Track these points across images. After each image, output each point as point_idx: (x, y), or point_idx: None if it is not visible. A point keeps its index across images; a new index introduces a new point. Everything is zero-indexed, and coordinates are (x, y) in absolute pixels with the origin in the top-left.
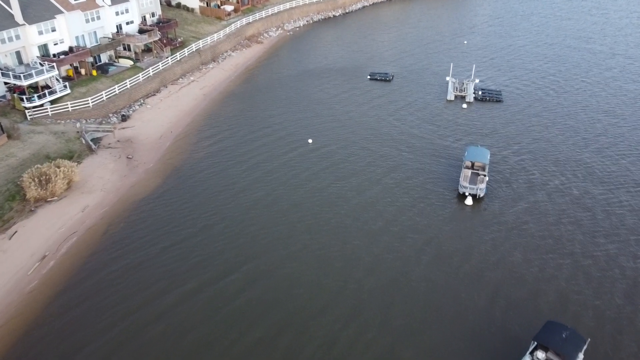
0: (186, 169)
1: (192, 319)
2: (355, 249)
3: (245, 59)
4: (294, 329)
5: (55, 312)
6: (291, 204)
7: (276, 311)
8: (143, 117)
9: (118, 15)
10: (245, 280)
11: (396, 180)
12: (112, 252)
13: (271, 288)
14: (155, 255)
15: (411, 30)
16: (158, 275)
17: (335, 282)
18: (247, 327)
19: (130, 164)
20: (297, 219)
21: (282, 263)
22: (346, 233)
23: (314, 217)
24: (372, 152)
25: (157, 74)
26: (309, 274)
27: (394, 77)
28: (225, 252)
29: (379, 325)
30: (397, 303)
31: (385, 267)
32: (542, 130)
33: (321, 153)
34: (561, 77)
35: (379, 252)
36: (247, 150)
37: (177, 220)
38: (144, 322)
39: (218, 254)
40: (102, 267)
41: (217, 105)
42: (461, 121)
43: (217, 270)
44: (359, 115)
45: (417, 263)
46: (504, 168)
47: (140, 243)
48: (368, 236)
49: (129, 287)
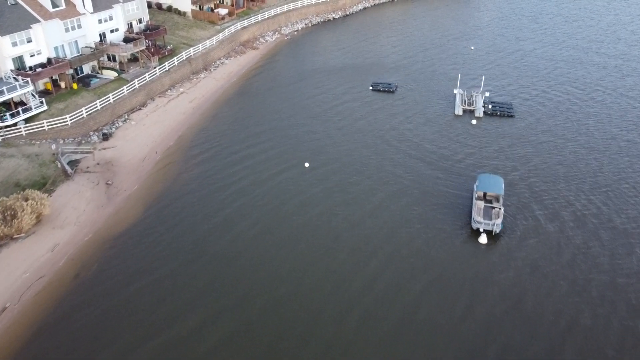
0: (169, 195)
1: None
2: (350, 293)
3: (239, 67)
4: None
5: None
6: (280, 238)
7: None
8: (126, 135)
9: (101, 23)
10: (220, 338)
11: (398, 210)
12: (81, 298)
13: (252, 344)
14: (126, 299)
15: (414, 33)
16: (126, 326)
17: (326, 334)
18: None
19: (109, 192)
20: (287, 255)
21: (265, 313)
22: (340, 273)
23: (305, 253)
24: (372, 176)
25: (144, 85)
26: (298, 326)
27: (397, 87)
28: (203, 296)
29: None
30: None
31: (383, 315)
32: (554, 150)
33: (316, 176)
34: (573, 85)
35: (375, 299)
36: (235, 172)
37: (154, 256)
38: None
39: (195, 299)
40: (68, 319)
41: (206, 119)
42: (471, 140)
43: (193, 321)
44: (359, 132)
45: (419, 311)
46: (519, 195)
47: (112, 285)
48: (364, 278)
49: (95, 341)
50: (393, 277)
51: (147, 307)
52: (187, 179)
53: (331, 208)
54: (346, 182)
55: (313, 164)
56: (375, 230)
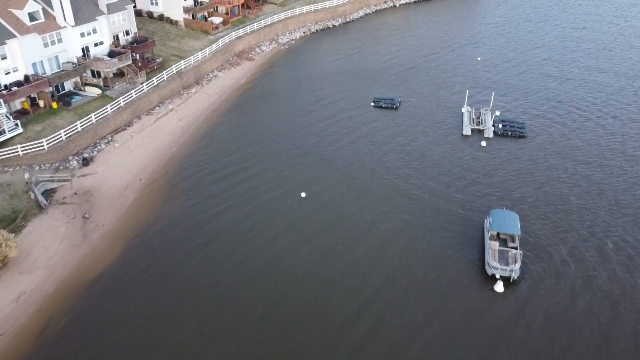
0: (151, 229)
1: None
2: (342, 353)
3: (233, 80)
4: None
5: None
6: (267, 282)
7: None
8: (109, 159)
9: (84, 36)
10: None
11: (400, 251)
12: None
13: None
14: (96, 357)
15: (417, 41)
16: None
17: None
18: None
19: (86, 227)
20: (272, 305)
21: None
22: (332, 326)
23: (293, 302)
24: (371, 207)
25: (130, 103)
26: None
27: (400, 103)
28: (184, 350)
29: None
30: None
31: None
32: (567, 175)
33: (310, 208)
34: (585, 99)
35: (373, 356)
36: (223, 201)
37: (130, 304)
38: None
39: (177, 354)
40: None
41: (196, 140)
42: (480, 166)
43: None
44: (359, 155)
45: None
46: (534, 229)
47: (82, 344)
48: (359, 332)
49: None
50: (392, 331)
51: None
52: (172, 210)
53: (325, 246)
54: (343, 215)
55: (309, 193)
56: (373, 275)
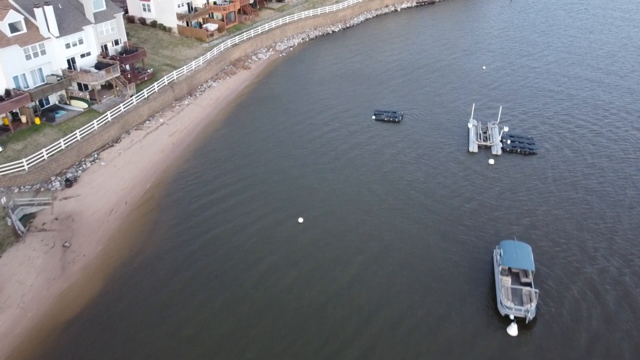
0: (135, 263)
1: None
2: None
3: (227, 91)
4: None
5: None
6: (257, 339)
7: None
8: (93, 179)
9: (69, 47)
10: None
11: (404, 284)
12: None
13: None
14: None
15: (420, 49)
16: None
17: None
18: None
19: (65, 257)
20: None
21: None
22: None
23: (286, 348)
24: (374, 236)
25: (118, 117)
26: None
27: (403, 116)
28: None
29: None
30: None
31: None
32: (581, 198)
33: (307, 237)
34: (595, 111)
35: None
36: (214, 227)
37: (109, 348)
38: None
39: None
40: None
41: (187, 158)
42: (488, 187)
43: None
44: (361, 175)
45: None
46: (548, 261)
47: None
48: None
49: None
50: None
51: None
52: (158, 238)
53: (321, 279)
54: (341, 244)
55: (306, 218)
56: (374, 316)
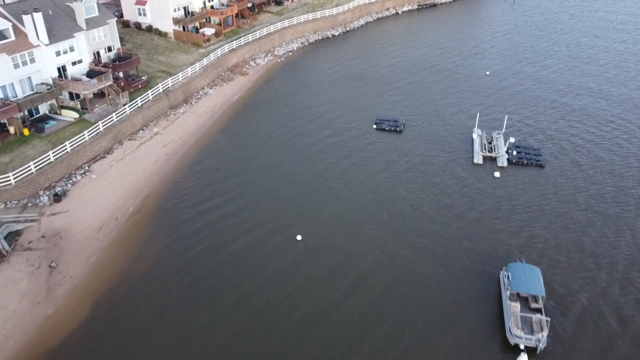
0: (125, 284)
1: None
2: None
3: (224, 98)
4: None
5: None
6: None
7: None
8: (83, 193)
9: (60, 55)
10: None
11: (405, 310)
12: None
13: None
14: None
15: (421, 53)
16: None
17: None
18: None
19: (51, 279)
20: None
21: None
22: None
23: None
24: (372, 258)
25: (110, 127)
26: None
27: (405, 125)
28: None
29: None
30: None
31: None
32: (595, 214)
33: (306, 255)
34: (601, 120)
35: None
36: (209, 245)
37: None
38: None
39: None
40: None
41: (181, 170)
42: (494, 202)
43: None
44: (362, 190)
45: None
46: (561, 286)
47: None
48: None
49: None
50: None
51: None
52: (150, 257)
53: (316, 298)
54: (337, 264)
55: (305, 235)
56: (368, 346)
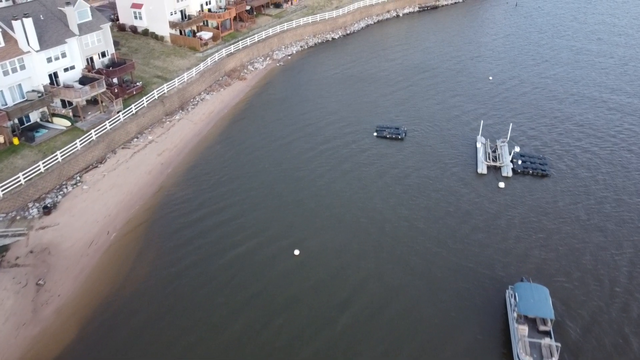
0: (115, 304)
1: None
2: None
3: (221, 104)
4: None
5: None
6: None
7: None
8: (74, 205)
9: (51, 61)
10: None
11: (408, 334)
12: None
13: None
14: None
15: (423, 56)
16: None
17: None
18: None
19: (38, 298)
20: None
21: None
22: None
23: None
24: (371, 274)
25: (103, 135)
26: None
27: (406, 133)
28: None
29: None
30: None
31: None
32: (603, 227)
33: (301, 273)
34: (608, 126)
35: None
36: (203, 262)
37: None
38: None
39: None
40: None
41: (176, 180)
42: (499, 214)
43: None
44: (362, 200)
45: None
46: (570, 307)
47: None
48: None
49: None
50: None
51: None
52: (141, 273)
53: (311, 317)
54: (336, 281)
55: (302, 250)
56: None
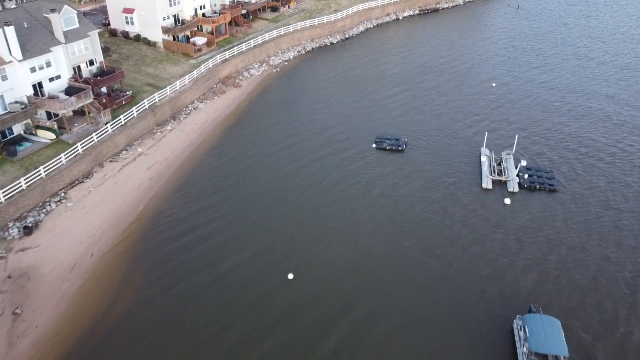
0: (97, 335)
1: None
2: None
3: (215, 113)
4: None
5: None
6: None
7: None
8: (57, 225)
9: (35, 71)
10: None
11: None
12: None
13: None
14: None
15: (423, 62)
16: None
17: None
18: None
19: (15, 329)
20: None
21: None
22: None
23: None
24: (367, 299)
25: (90, 149)
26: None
27: (407, 144)
28: None
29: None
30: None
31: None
32: (617, 248)
33: (293, 297)
34: (616, 136)
35: None
36: (191, 286)
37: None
38: None
39: None
40: None
41: (166, 196)
42: (505, 234)
43: None
44: (361, 219)
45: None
46: (584, 342)
47: None
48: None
49: None
50: None
51: None
52: (126, 299)
53: (306, 343)
54: (329, 308)
55: (297, 274)
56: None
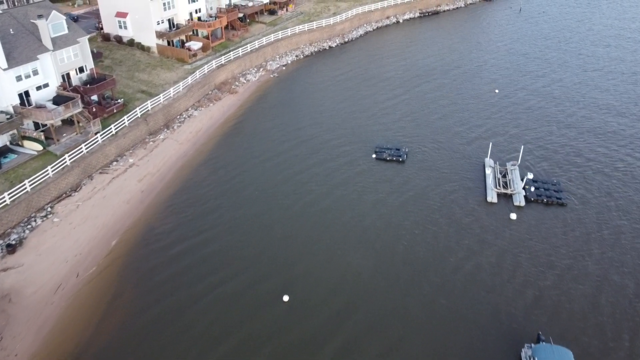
0: (80, 357)
1: None
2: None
3: (210, 121)
4: None
5: None
6: None
7: None
8: (42, 242)
9: (21, 80)
10: None
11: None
12: None
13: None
14: None
15: (424, 67)
16: None
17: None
18: None
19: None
20: None
21: None
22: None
23: None
24: (366, 325)
25: (79, 160)
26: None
27: (408, 154)
28: None
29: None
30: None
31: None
32: (633, 266)
33: (289, 319)
34: (622, 143)
35: None
36: (182, 310)
37: None
38: None
39: None
40: None
41: (157, 210)
42: (512, 253)
43: None
44: (361, 237)
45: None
46: None
47: None
48: None
49: None
50: None
51: None
52: (113, 323)
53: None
54: (321, 333)
55: (292, 295)
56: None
